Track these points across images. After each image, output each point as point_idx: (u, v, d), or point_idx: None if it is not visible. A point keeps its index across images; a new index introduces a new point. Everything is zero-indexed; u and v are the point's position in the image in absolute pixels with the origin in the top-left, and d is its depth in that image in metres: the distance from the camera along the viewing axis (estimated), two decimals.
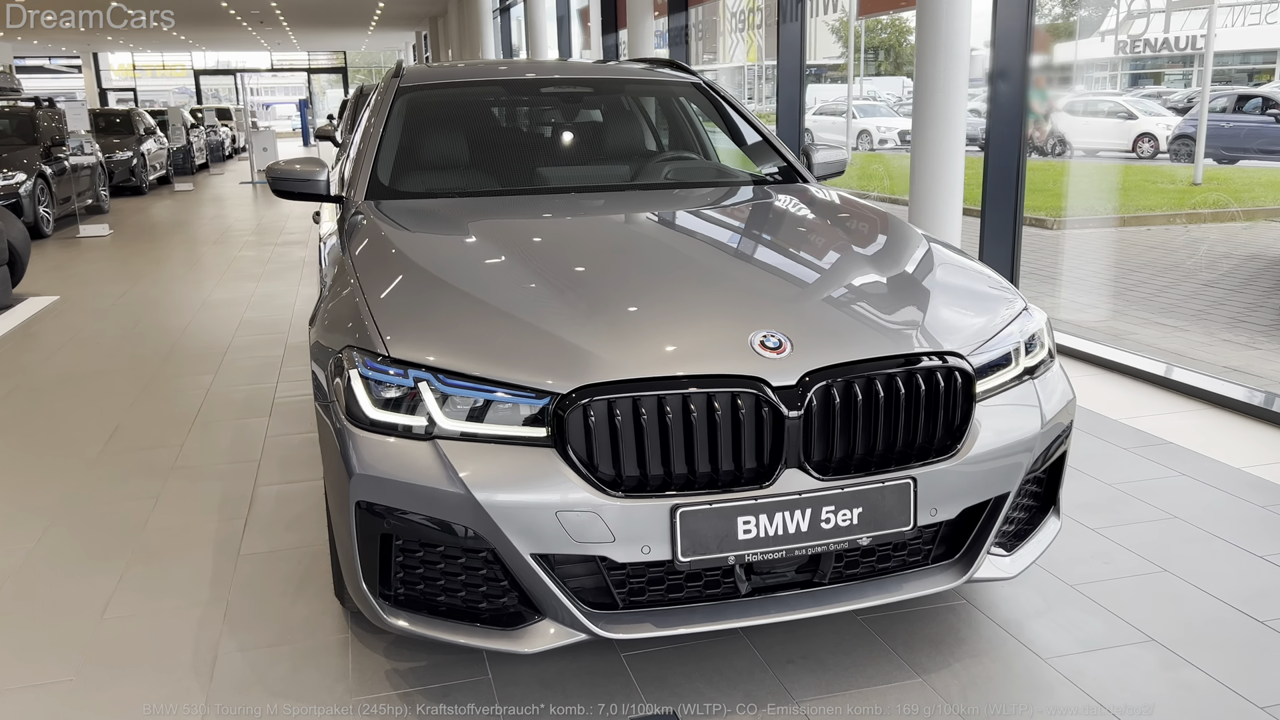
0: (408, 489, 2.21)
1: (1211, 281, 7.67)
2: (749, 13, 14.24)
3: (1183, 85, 21.53)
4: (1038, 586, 2.87)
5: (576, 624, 2.21)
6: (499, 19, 21.86)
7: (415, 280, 2.65)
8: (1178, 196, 12.85)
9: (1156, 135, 18.58)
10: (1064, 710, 2.33)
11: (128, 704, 2.46)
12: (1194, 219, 11.26)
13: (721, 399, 2.17)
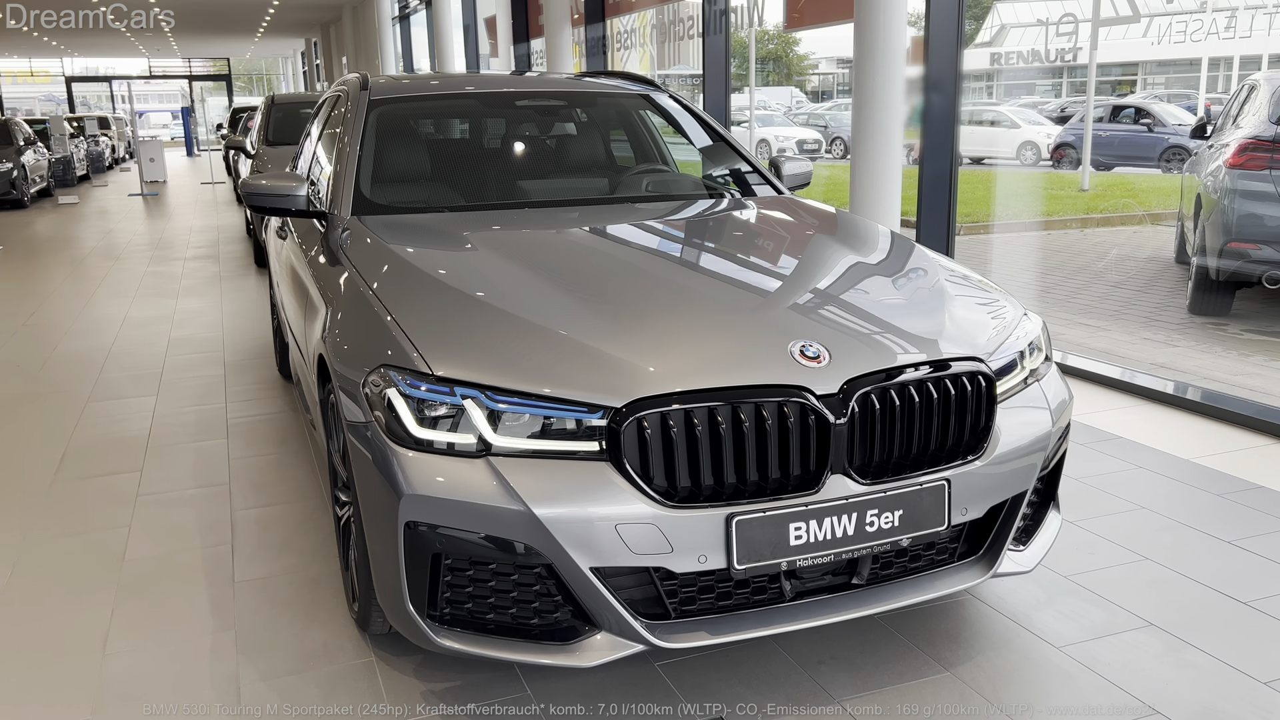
0: (462, 507, 2.20)
1: (1119, 283, 8.09)
2: (642, 28, 14.43)
3: (1054, 96, 22.61)
4: (1035, 579, 3.00)
5: (634, 635, 2.23)
6: (398, 26, 21.54)
7: (442, 297, 2.64)
8: (1071, 202, 13.48)
9: (1038, 144, 19.45)
10: (1088, 695, 2.45)
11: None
12: (1088, 224, 11.84)
13: (769, 408, 2.22)
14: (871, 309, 2.60)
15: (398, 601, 2.33)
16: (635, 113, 4.32)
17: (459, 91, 4.29)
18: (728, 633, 2.28)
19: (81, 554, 3.40)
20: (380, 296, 2.66)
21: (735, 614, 2.32)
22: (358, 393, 2.43)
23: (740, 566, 2.21)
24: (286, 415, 4.90)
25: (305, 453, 4.33)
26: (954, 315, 2.63)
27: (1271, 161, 6.06)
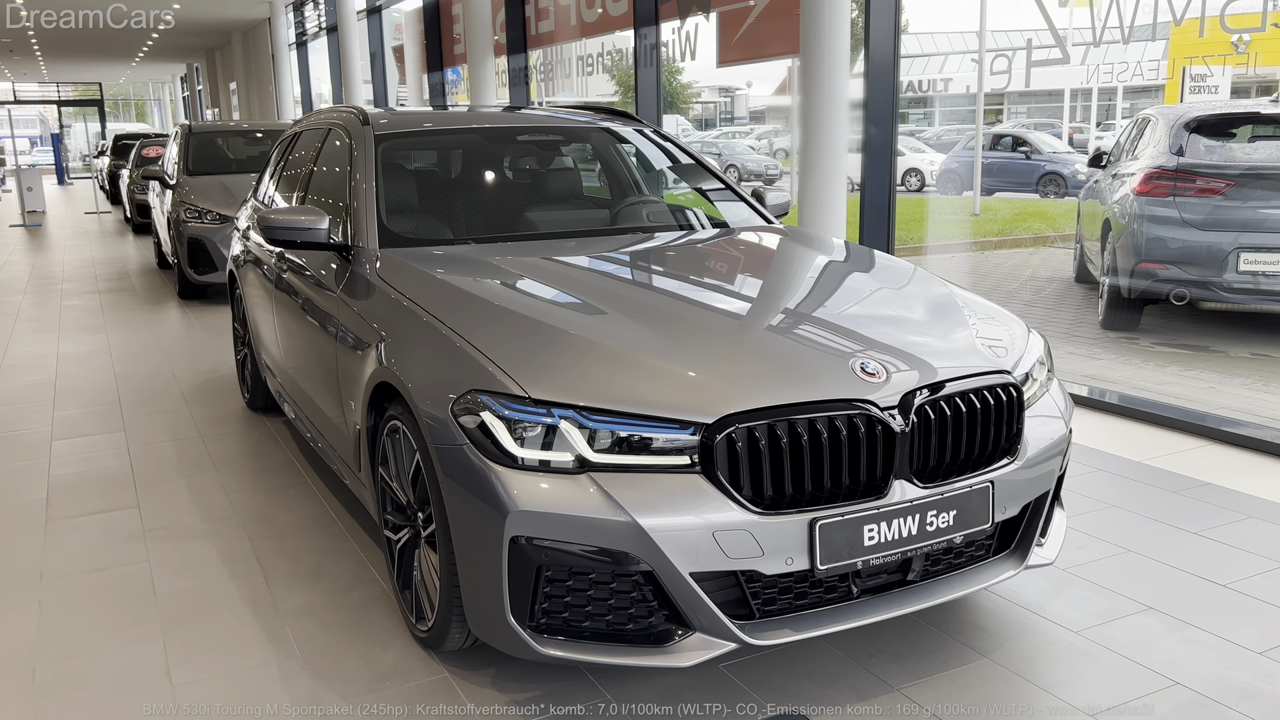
0: (567, 520, 2.34)
1: (1032, 302, 8.64)
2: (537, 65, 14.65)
3: (926, 125, 23.74)
4: (1039, 572, 3.29)
5: (728, 635, 2.41)
6: (295, 53, 21.25)
7: (511, 323, 2.78)
8: (968, 226, 14.23)
9: (922, 170, 20.41)
10: (1114, 671, 2.74)
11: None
12: (986, 246, 12.54)
13: (841, 420, 2.44)
14: (910, 328, 2.86)
15: (496, 614, 2.45)
16: (623, 145, 4.51)
17: (460, 126, 4.41)
18: (809, 629, 2.48)
19: (109, 590, 3.39)
20: (448, 323, 2.78)
21: (812, 612, 2.52)
22: (445, 417, 2.55)
23: (823, 567, 2.42)
24: (268, 447, 4.89)
25: (304, 485, 4.35)
26: (980, 332, 2.90)
27: (1175, 189, 6.63)
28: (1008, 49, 19.22)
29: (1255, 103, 7.29)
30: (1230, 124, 7.00)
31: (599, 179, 4.34)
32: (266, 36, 22.81)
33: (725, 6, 8.01)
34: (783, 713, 2.58)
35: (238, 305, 5.54)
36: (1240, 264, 6.40)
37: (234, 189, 9.30)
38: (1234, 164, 6.69)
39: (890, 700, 2.63)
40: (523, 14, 11.22)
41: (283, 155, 5.26)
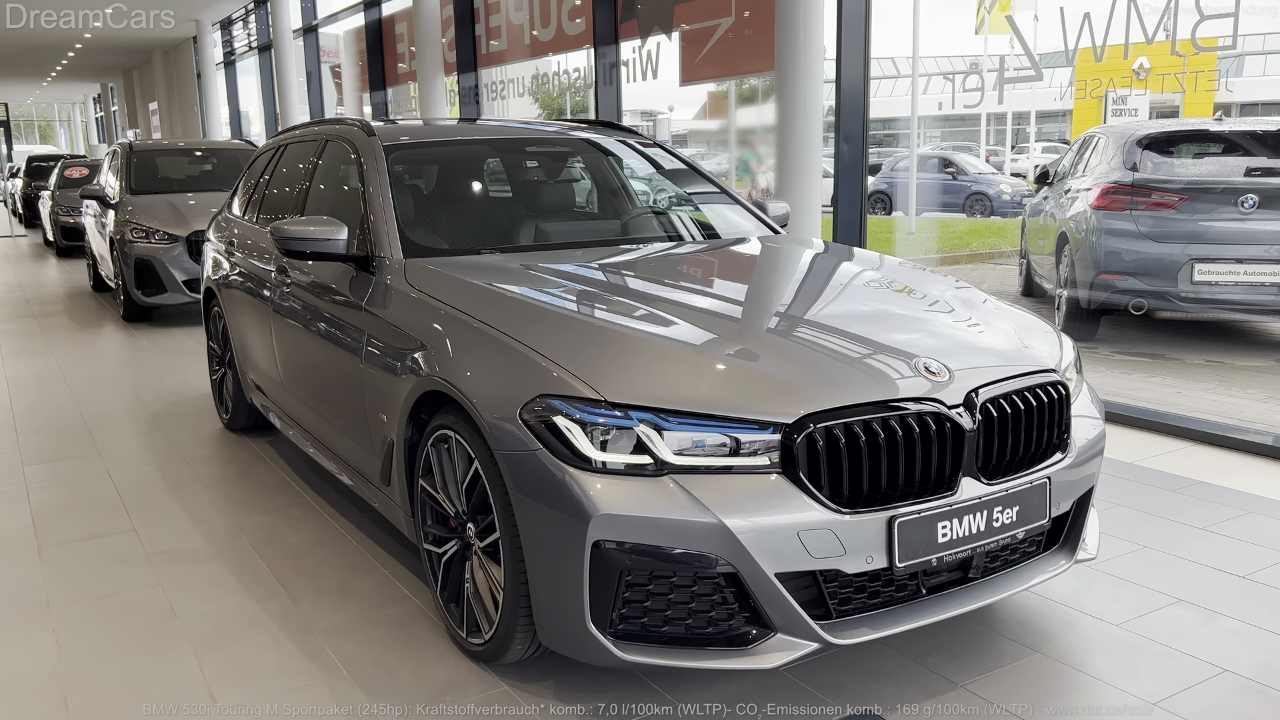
0: (652, 523, 2.32)
1: None
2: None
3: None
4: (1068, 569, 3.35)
5: (810, 635, 2.41)
6: (223, 72, 20.82)
7: (569, 328, 2.76)
8: (909, 244, 14.55)
9: None
10: (1165, 661, 2.81)
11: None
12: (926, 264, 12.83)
13: (913, 418, 2.47)
14: (959, 331, 2.91)
15: (575, 622, 2.41)
16: (627, 157, 4.52)
17: (465, 138, 4.36)
18: (886, 627, 2.49)
19: (124, 615, 3.25)
20: (503, 330, 2.75)
21: (885, 610, 2.54)
22: (512, 423, 2.51)
23: (901, 564, 2.44)
24: (257, 467, 4.76)
25: (305, 504, 4.24)
26: (1022, 335, 2.97)
27: (1131, 203, 6.88)
28: (938, 72, 19.80)
29: (1202, 121, 7.61)
30: (1180, 141, 7.30)
31: (607, 191, 4.33)
32: (191, 55, 22.34)
33: (689, 26, 8.10)
34: (858, 713, 2.58)
35: (215, 324, 5.39)
36: (1195, 274, 6.66)
37: (182, 208, 9.08)
38: (1186, 179, 6.97)
39: (958, 696, 2.65)
40: (473, 33, 11.18)
41: (263, 170, 5.15)
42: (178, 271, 8.77)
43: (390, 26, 13.48)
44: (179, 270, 8.77)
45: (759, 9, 7.46)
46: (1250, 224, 6.63)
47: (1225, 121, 7.24)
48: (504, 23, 10.71)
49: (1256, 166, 6.79)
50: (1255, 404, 5.87)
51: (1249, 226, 6.64)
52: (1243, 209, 6.65)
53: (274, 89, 18.05)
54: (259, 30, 18.47)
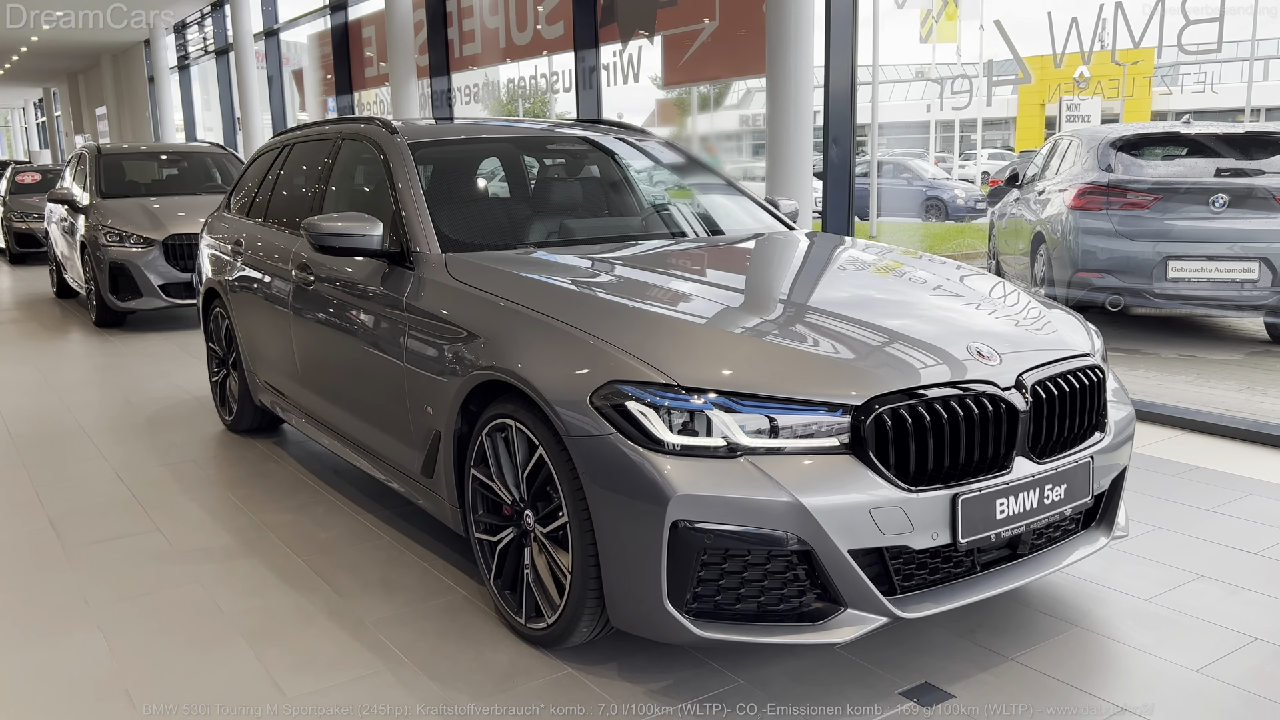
0: (730, 503, 2.40)
1: None
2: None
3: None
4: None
5: (880, 610, 2.49)
6: (177, 76, 20.51)
7: (637, 318, 2.82)
8: None
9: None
10: (1199, 632, 2.94)
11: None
12: None
13: (971, 400, 2.57)
14: (1001, 317, 3.02)
15: (651, 602, 2.47)
16: (644, 156, 4.59)
17: (486, 136, 4.40)
18: (948, 601, 2.59)
19: (168, 612, 3.24)
20: (565, 320, 2.80)
21: (945, 585, 2.63)
22: (582, 409, 2.56)
23: (964, 540, 2.54)
24: (270, 467, 4.74)
25: (328, 502, 4.24)
26: (1056, 323, 3.09)
27: (1107, 203, 7.10)
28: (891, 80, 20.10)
29: (1171, 124, 7.88)
30: (1151, 143, 7.55)
31: (629, 188, 4.40)
32: (142, 59, 21.99)
33: (671, 30, 8.20)
34: (916, 685, 2.68)
35: (217, 325, 5.35)
36: (1168, 272, 6.90)
37: (157, 212, 8.97)
38: (1159, 179, 7.21)
39: (1009, 669, 2.76)
40: (445, 37, 11.18)
41: (267, 170, 5.13)
42: (154, 276, 8.65)
43: (357, 30, 13.42)
44: (155, 274, 8.65)
45: (744, 13, 7.58)
46: (1220, 222, 6.88)
47: (1194, 125, 7.50)
48: (478, 27, 10.73)
49: (1225, 167, 7.05)
50: (1234, 394, 6.10)
51: (1219, 225, 6.89)
52: (1213, 208, 6.90)
53: (233, 93, 17.87)
54: (216, 34, 18.24)
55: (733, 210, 4.31)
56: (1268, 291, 6.84)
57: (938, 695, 2.63)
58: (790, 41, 6.34)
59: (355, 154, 4.31)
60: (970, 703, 2.59)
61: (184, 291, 8.70)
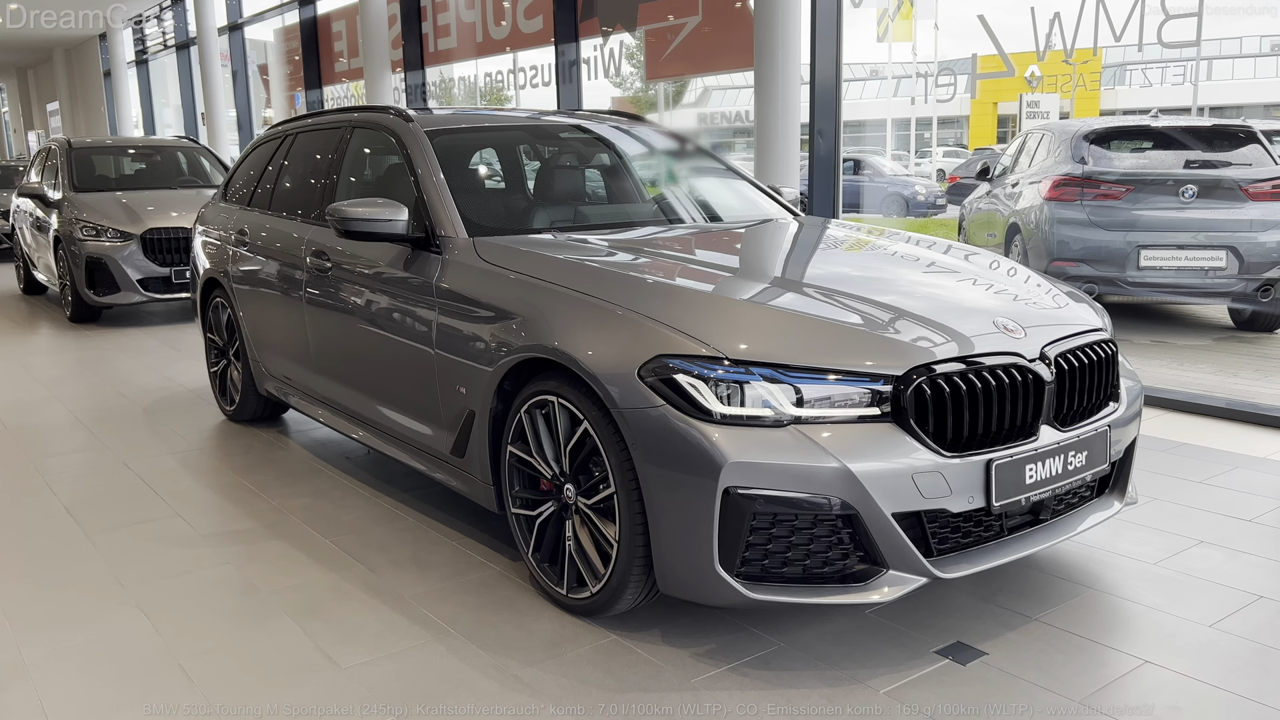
0: (780, 470, 2.50)
1: None
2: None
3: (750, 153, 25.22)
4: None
5: (920, 570, 2.61)
6: (135, 71, 20.21)
7: (677, 295, 2.92)
8: None
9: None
10: (1207, 591, 3.10)
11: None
12: None
13: (1002, 370, 2.70)
14: (1020, 294, 3.15)
15: (702, 566, 2.57)
16: (649, 146, 4.69)
17: (500, 124, 4.48)
18: (982, 562, 2.71)
19: (205, 591, 3.28)
20: (607, 299, 2.89)
21: (977, 548, 2.76)
22: (630, 383, 2.65)
23: (998, 504, 2.67)
24: (280, 455, 4.77)
25: (344, 486, 4.29)
26: (1070, 301, 3.23)
27: (1082, 194, 7.32)
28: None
29: (1141, 118, 8.12)
30: (1122, 136, 7.78)
31: (638, 176, 4.49)
32: (97, 54, 21.64)
33: (653, 25, 8.29)
34: (950, 644, 2.80)
35: (217, 315, 5.36)
36: (1141, 260, 7.13)
37: (133, 205, 8.89)
38: (1131, 171, 7.45)
39: (1035, 628, 2.89)
40: (419, 30, 11.18)
41: (267, 161, 5.15)
42: (132, 270, 8.58)
43: (326, 24, 13.35)
44: (133, 269, 8.58)
45: (728, 7, 7.70)
46: (1190, 213, 7.13)
47: (1162, 119, 7.75)
48: (453, 21, 10.74)
49: (1194, 159, 7.30)
50: (1208, 377, 6.33)
51: (1189, 215, 7.14)
52: (1183, 199, 7.14)
53: (194, 88, 17.67)
54: (177, 28, 18.02)
55: (742, 197, 4.42)
56: (1234, 279, 7.10)
57: (971, 653, 2.75)
58: (778, 36, 6.47)
59: (367, 142, 4.36)
60: (1003, 659, 2.72)
61: (163, 286, 8.65)
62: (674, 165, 4.60)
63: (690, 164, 4.65)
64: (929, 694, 2.56)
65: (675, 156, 4.62)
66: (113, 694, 2.67)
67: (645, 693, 2.60)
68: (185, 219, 8.75)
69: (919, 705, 2.50)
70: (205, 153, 10.55)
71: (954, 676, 2.64)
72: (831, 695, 2.56)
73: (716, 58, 7.94)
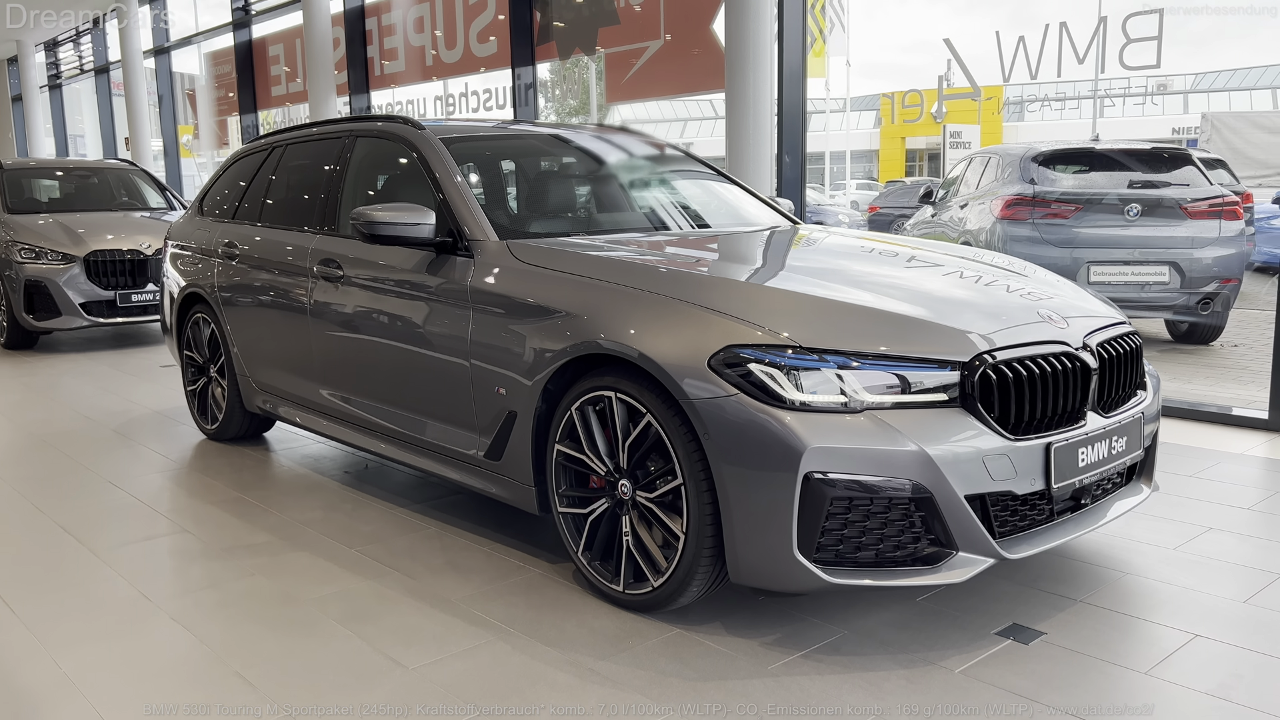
0: (858, 454, 2.56)
1: None
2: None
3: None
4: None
5: (989, 552, 2.68)
6: (49, 95, 19.55)
7: (738, 290, 2.97)
8: None
9: None
10: (1230, 573, 3.24)
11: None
12: None
13: (1054, 358, 2.81)
14: (1053, 290, 3.28)
15: (780, 553, 2.60)
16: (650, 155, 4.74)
17: (507, 134, 4.49)
18: (1042, 543, 2.80)
19: (242, 602, 3.18)
20: (667, 293, 2.92)
21: (1033, 530, 2.84)
22: (701, 374, 2.68)
23: (1057, 486, 2.76)
24: (277, 472, 4.66)
25: (356, 499, 4.21)
26: (1090, 295, 3.38)
27: (1032, 213, 7.61)
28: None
29: (1086, 142, 8.49)
30: (1068, 158, 8.12)
31: (647, 185, 4.53)
32: (4, 78, 20.91)
33: (614, 48, 8.38)
34: (1007, 626, 2.88)
35: (198, 331, 5.21)
36: (1090, 276, 7.43)
37: (75, 228, 8.60)
38: (1079, 191, 7.77)
39: (1082, 609, 2.99)
40: (364, 54, 11.09)
41: (253, 174, 5.06)
42: (74, 294, 8.29)
43: (263, 48, 13.14)
44: (75, 292, 8.30)
45: (691, 31, 7.83)
46: (1134, 230, 7.47)
47: (1103, 142, 8.11)
48: (401, 44, 10.69)
49: (1137, 180, 7.66)
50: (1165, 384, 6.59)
51: (1133, 233, 7.48)
52: (1128, 217, 7.49)
53: (112, 113, 17.19)
54: (96, 51, 17.51)
55: (750, 206, 4.49)
56: (1177, 293, 7.44)
57: (1030, 633, 2.83)
58: (749, 64, 6.61)
59: (373, 151, 4.32)
60: (1062, 637, 2.81)
61: (107, 310, 8.38)
62: (679, 176, 4.66)
63: (694, 175, 4.71)
64: (1003, 671, 2.62)
65: (679, 168, 4.68)
66: (171, 699, 2.57)
67: (725, 680, 2.60)
68: (129, 241, 8.53)
69: (997, 682, 2.57)
70: (143, 175, 10.27)
71: (1021, 655, 2.71)
72: (910, 676, 2.61)
73: (679, 81, 8.06)
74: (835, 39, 19.16)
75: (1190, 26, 5.74)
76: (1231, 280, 7.47)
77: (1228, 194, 7.57)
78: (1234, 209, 7.50)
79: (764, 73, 6.62)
